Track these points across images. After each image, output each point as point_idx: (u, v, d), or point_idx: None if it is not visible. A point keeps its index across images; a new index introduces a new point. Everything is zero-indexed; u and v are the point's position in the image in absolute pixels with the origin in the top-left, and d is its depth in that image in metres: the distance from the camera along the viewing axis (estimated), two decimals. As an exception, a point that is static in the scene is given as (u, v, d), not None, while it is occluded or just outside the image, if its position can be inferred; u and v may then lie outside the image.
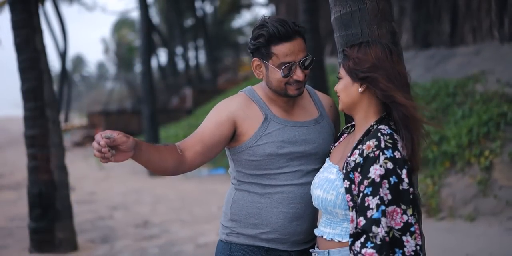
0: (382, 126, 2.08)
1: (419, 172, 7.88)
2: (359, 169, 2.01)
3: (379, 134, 2.03)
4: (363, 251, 1.93)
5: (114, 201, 10.11)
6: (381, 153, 1.98)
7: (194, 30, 32.75)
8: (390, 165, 1.97)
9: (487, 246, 5.55)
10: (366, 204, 1.96)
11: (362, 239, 1.95)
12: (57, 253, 6.29)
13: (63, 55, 31.05)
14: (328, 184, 2.14)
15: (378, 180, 1.96)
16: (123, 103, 35.50)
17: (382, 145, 1.99)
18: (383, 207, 1.94)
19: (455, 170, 7.34)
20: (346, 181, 2.05)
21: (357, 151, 2.05)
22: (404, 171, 1.99)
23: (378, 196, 1.95)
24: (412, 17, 12.90)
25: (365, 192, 1.97)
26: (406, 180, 1.99)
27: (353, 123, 2.27)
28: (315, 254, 2.23)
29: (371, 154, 1.99)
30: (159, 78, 33.57)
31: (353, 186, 2.03)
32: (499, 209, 6.53)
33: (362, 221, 1.96)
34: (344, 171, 2.07)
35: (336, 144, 2.32)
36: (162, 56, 47.58)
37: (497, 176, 6.81)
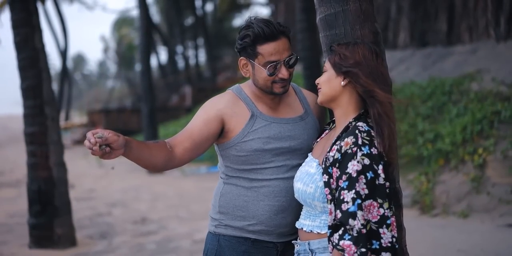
0: (360, 123, 2.16)
1: (414, 170, 7.90)
2: (337, 165, 2.10)
3: (356, 131, 2.11)
4: (341, 243, 2.02)
5: (113, 198, 10.21)
6: (358, 150, 2.07)
7: (194, 29, 32.83)
8: (367, 161, 2.06)
9: (479, 242, 5.63)
10: (341, 197, 2.05)
11: (340, 231, 2.04)
12: (56, 248, 6.38)
13: (63, 54, 31.13)
14: (308, 178, 2.23)
15: (355, 175, 2.04)
16: (123, 101, 35.60)
17: (360, 142, 2.08)
18: (359, 201, 2.03)
19: (449, 167, 7.44)
20: (325, 175, 2.14)
21: (335, 147, 2.13)
22: (380, 166, 2.08)
23: (354, 190, 2.03)
24: (409, 16, 12.98)
25: (342, 186, 2.06)
26: (382, 175, 2.07)
27: (334, 119, 2.35)
28: (297, 245, 2.32)
29: (349, 151, 2.07)
30: (159, 77, 33.66)
31: (331, 180, 2.12)
32: (492, 206, 6.62)
33: (339, 214, 2.05)
34: (323, 165, 2.16)
35: (318, 140, 2.41)
36: (162, 54, 47.69)
37: (490, 174, 6.90)
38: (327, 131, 2.41)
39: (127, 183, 12.17)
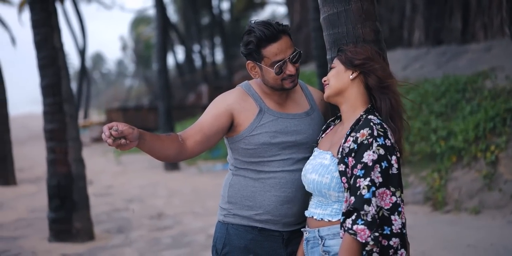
0: (371, 116, 2.28)
1: (427, 167, 7.96)
2: (353, 154, 2.21)
3: (371, 124, 2.23)
4: (354, 227, 2.14)
5: (130, 194, 10.39)
6: (374, 141, 2.19)
7: (211, 28, 33.00)
8: (382, 151, 2.18)
9: (489, 238, 5.70)
10: (357, 185, 2.17)
11: (353, 217, 2.15)
12: (75, 242, 6.56)
13: (82, 53, 31.46)
14: (322, 169, 2.34)
15: (371, 164, 2.16)
16: (141, 99, 35.87)
17: (375, 133, 2.20)
18: (373, 188, 2.15)
19: (461, 164, 7.49)
20: (341, 165, 2.25)
21: (351, 138, 2.25)
22: (394, 157, 2.20)
23: (369, 178, 2.15)
24: (424, 14, 13.01)
25: (357, 174, 2.18)
26: (396, 165, 2.20)
27: (339, 114, 2.47)
28: (306, 233, 2.43)
29: (365, 141, 2.19)
30: (176, 75, 33.89)
31: (347, 169, 2.24)
32: (503, 203, 6.67)
33: (353, 200, 2.17)
34: (339, 156, 2.27)
35: (323, 135, 2.52)
36: (179, 53, 47.92)
37: (502, 170, 6.95)
38: (332, 126, 2.53)
39: (144, 180, 12.35)
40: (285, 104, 2.61)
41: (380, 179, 2.16)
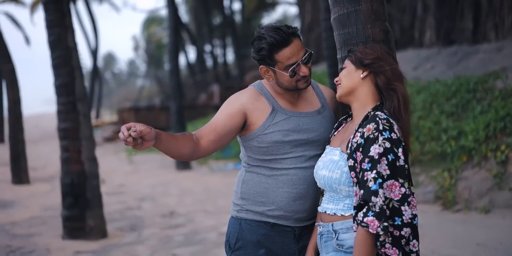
0: (378, 112, 2.34)
1: (437, 166, 7.98)
2: (360, 149, 2.27)
3: (377, 119, 2.29)
4: (365, 219, 2.20)
5: (142, 193, 10.49)
6: (379, 134, 2.24)
7: (222, 28, 33.10)
8: (388, 144, 2.24)
9: (499, 236, 5.73)
10: (365, 178, 2.23)
11: (364, 210, 2.21)
12: (88, 239, 6.65)
13: (94, 53, 31.66)
14: (332, 165, 2.40)
15: (377, 157, 2.22)
16: (153, 99, 36.01)
17: (381, 127, 2.26)
18: (380, 180, 2.20)
19: (472, 164, 7.51)
20: (350, 160, 2.31)
21: (358, 134, 2.31)
22: (400, 149, 2.26)
23: (375, 170, 2.21)
24: (435, 14, 13.02)
25: (365, 168, 2.24)
26: (402, 157, 2.26)
27: (350, 113, 2.53)
28: (320, 227, 2.49)
29: (371, 136, 2.25)
30: (188, 75, 34.00)
31: (356, 164, 2.30)
32: (513, 202, 6.69)
33: (362, 193, 2.23)
34: (348, 151, 2.33)
35: (335, 133, 2.59)
36: (191, 53, 48.06)
37: (512, 170, 6.97)
38: (344, 124, 2.59)
39: (156, 179, 12.44)
40: (297, 103, 2.67)
41: (388, 172, 2.22)
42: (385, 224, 2.18)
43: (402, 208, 2.23)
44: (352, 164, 2.30)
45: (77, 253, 6.18)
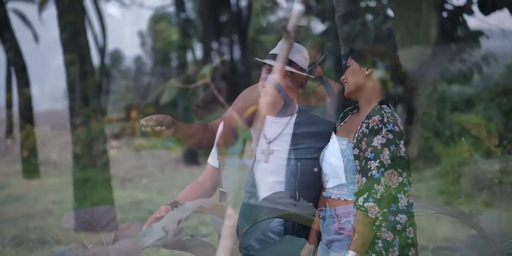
0: (384, 106, 2.50)
1: (441, 161, 8.04)
2: (365, 139, 2.43)
3: (382, 112, 2.45)
4: (365, 204, 2.36)
5: (150, 187, 10.65)
6: (383, 126, 2.40)
7: (229, 25, 33.15)
8: (390, 136, 2.39)
9: (501, 229, 5.85)
10: (368, 166, 2.39)
11: (365, 195, 2.37)
12: (99, 231, 6.80)
13: (102, 50, 31.80)
14: (339, 153, 2.56)
15: (380, 147, 2.38)
16: (160, 96, 36.03)
17: (385, 120, 2.41)
18: (382, 169, 2.36)
19: (474, 158, 7.62)
20: (355, 149, 2.47)
21: (364, 125, 2.46)
22: (402, 142, 2.41)
23: (378, 160, 2.37)
24: (440, 11, 13.07)
25: (368, 157, 2.39)
26: (403, 149, 2.41)
27: (357, 104, 2.68)
28: (323, 212, 2.65)
29: (376, 127, 2.41)
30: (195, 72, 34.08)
31: (360, 153, 2.45)
32: (515, 196, 6.82)
33: (364, 180, 2.39)
34: (355, 141, 2.49)
35: (341, 123, 2.74)
36: (197, 50, 48.11)
37: (514, 165, 7.09)
38: (350, 115, 2.74)
39: (163, 174, 12.60)
40: (308, 97, 2.83)
41: (389, 161, 2.37)
42: (385, 210, 2.34)
43: (398, 195, 2.38)
44: (357, 153, 2.45)
45: (90, 244, 6.33)
